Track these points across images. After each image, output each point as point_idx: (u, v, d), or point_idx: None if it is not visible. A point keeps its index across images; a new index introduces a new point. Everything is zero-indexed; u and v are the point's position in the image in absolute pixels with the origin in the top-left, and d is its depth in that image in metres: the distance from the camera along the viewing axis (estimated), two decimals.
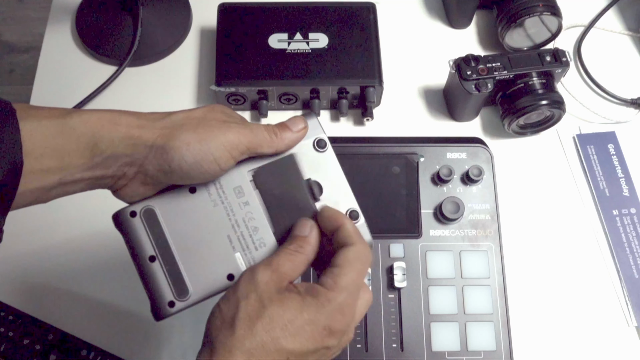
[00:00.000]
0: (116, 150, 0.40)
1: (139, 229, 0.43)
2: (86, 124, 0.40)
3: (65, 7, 0.81)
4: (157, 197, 0.43)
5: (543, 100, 0.69)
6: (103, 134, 0.40)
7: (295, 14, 0.76)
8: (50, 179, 0.39)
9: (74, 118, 0.40)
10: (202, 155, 0.40)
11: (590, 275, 0.68)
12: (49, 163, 0.38)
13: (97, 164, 0.40)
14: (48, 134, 0.39)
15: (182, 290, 0.43)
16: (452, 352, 0.59)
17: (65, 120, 0.39)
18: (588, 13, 0.83)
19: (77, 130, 0.39)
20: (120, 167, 0.41)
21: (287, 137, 0.44)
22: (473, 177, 0.63)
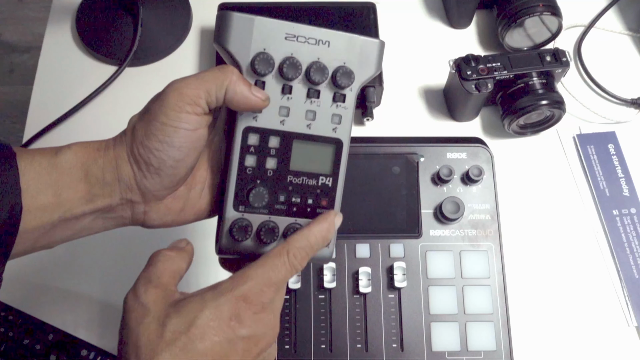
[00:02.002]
0: (106, 176, 0.39)
1: None
2: (75, 155, 0.39)
3: (65, 7, 0.81)
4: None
5: (543, 100, 0.69)
6: (91, 163, 0.39)
7: (295, 14, 0.76)
8: (50, 216, 0.38)
9: (64, 152, 0.39)
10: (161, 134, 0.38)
11: (590, 275, 0.68)
12: (46, 199, 0.38)
13: (96, 195, 0.39)
14: (42, 171, 0.38)
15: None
16: (452, 352, 0.59)
17: (57, 156, 0.39)
18: (588, 13, 0.83)
19: (69, 163, 0.39)
20: (121, 193, 0.40)
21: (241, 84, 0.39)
22: (473, 177, 0.63)
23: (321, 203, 0.43)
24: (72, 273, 0.65)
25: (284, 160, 0.42)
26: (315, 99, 0.41)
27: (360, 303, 0.60)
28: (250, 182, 0.41)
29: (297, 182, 0.42)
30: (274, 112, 0.41)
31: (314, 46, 0.41)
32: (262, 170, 0.42)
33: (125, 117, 0.74)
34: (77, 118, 0.74)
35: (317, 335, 0.59)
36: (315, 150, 0.42)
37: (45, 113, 0.73)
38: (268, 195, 0.42)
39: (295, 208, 0.42)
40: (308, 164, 0.42)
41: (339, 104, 0.42)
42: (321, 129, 0.42)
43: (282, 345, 0.59)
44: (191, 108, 0.38)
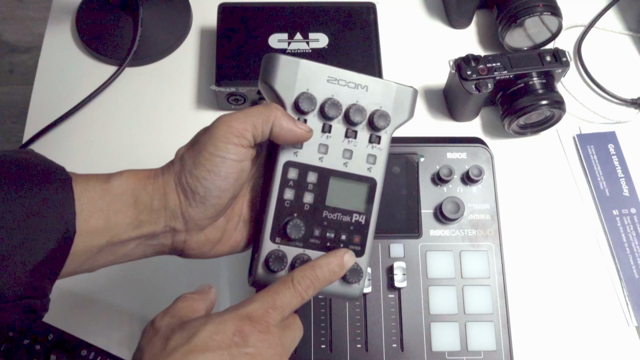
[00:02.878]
0: (154, 203, 0.41)
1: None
2: (126, 181, 0.41)
3: (65, 7, 0.81)
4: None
5: (543, 100, 0.69)
6: (140, 190, 0.41)
7: (295, 14, 0.76)
8: (98, 240, 0.40)
9: (116, 178, 0.41)
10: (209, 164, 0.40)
11: (590, 275, 0.68)
12: (97, 223, 0.39)
13: (143, 222, 0.41)
14: (95, 195, 0.40)
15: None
16: (452, 352, 0.59)
17: (109, 181, 0.41)
18: (588, 13, 0.83)
19: (120, 189, 0.41)
20: (165, 221, 0.42)
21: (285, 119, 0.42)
22: (473, 177, 0.63)
23: (354, 240, 0.44)
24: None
25: (321, 196, 0.44)
26: (353, 139, 0.44)
27: (360, 303, 0.60)
28: (288, 214, 0.43)
29: (332, 217, 0.44)
30: (313, 149, 0.44)
31: (353, 90, 0.44)
32: (300, 204, 0.44)
33: (125, 117, 0.74)
34: (77, 118, 0.74)
35: (317, 335, 0.59)
36: (350, 188, 0.44)
37: (45, 113, 0.73)
38: (304, 228, 0.43)
39: (328, 243, 0.44)
40: (343, 201, 0.44)
41: (374, 145, 0.44)
42: (357, 167, 0.44)
43: None
44: (238, 140, 0.41)
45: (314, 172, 0.43)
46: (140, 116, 0.75)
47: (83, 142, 0.72)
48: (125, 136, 0.73)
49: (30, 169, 0.39)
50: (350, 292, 0.45)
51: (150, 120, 0.74)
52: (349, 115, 0.43)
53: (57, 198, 0.38)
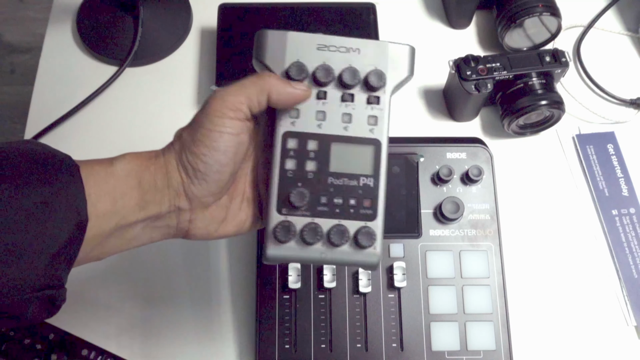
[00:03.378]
0: (157, 183, 0.42)
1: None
2: (129, 163, 0.42)
3: (66, 7, 0.81)
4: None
5: (542, 101, 0.69)
6: (143, 170, 0.42)
7: (295, 14, 0.76)
8: (107, 224, 0.40)
9: (119, 161, 0.42)
10: (207, 139, 0.41)
11: (589, 275, 0.68)
12: (104, 207, 0.40)
13: (147, 202, 0.41)
14: (100, 180, 0.40)
15: None
16: (451, 351, 0.59)
17: (112, 165, 0.41)
18: (587, 13, 0.83)
19: (123, 172, 0.41)
20: (170, 200, 0.42)
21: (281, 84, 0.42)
22: (473, 177, 0.63)
23: (364, 203, 0.43)
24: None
25: (324, 163, 0.43)
26: (350, 102, 0.43)
27: (360, 303, 0.61)
28: (292, 184, 0.43)
29: (338, 183, 0.43)
30: (310, 116, 0.43)
31: (345, 54, 0.44)
32: (303, 173, 0.43)
33: (125, 117, 0.74)
34: (78, 118, 0.74)
35: (317, 335, 0.59)
36: (354, 151, 0.43)
37: (46, 113, 0.73)
38: (310, 196, 0.43)
39: (337, 209, 0.43)
40: (348, 166, 0.43)
41: (373, 105, 0.43)
42: (358, 130, 0.43)
43: (282, 345, 0.59)
44: (234, 113, 0.41)
45: (314, 140, 0.43)
46: (140, 116, 0.75)
47: (84, 142, 0.73)
48: (125, 136, 0.73)
49: (37, 159, 0.39)
50: (364, 258, 0.43)
51: (150, 120, 0.74)
52: (342, 79, 0.43)
53: (67, 187, 0.38)
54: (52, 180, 0.38)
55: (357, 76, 0.43)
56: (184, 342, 0.63)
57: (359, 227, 0.42)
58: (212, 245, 0.67)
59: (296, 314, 0.60)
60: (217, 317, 0.64)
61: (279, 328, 0.60)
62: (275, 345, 0.59)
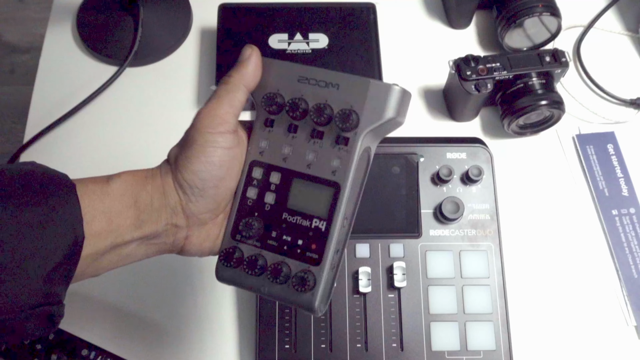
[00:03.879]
0: (154, 203, 0.42)
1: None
2: (125, 183, 0.42)
3: (66, 7, 0.81)
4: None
5: (542, 101, 0.69)
6: (140, 190, 0.42)
7: (295, 14, 0.76)
8: (103, 243, 0.40)
9: (114, 180, 0.42)
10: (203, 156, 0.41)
11: (589, 275, 0.68)
12: (100, 226, 0.40)
13: (143, 221, 0.42)
14: (95, 198, 0.40)
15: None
16: (451, 351, 0.59)
17: (108, 184, 0.41)
18: (587, 13, 0.83)
19: (119, 191, 0.41)
20: (167, 219, 0.42)
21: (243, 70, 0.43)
22: (473, 177, 0.63)
23: (310, 246, 0.41)
24: None
25: (283, 197, 0.42)
26: (318, 139, 0.42)
27: (360, 303, 0.61)
28: (249, 213, 0.43)
29: (291, 220, 0.42)
30: (278, 149, 0.42)
31: (323, 88, 0.41)
32: (261, 204, 0.43)
33: (125, 117, 0.75)
34: (78, 118, 0.74)
35: (317, 334, 0.59)
36: (312, 191, 0.42)
37: (46, 113, 0.73)
38: (262, 228, 0.42)
39: (285, 247, 0.42)
40: (304, 204, 0.42)
41: (341, 147, 0.41)
42: (320, 170, 0.41)
43: (282, 345, 0.59)
44: (223, 127, 0.41)
45: (277, 173, 0.42)
46: (140, 116, 0.75)
47: (84, 142, 0.73)
48: (125, 136, 0.73)
49: (35, 179, 0.39)
50: (302, 301, 0.41)
51: (150, 120, 0.74)
52: (311, 115, 0.41)
53: (63, 205, 0.38)
54: (48, 199, 0.38)
55: (327, 113, 0.41)
56: (184, 342, 0.63)
57: (300, 269, 0.41)
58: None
59: (296, 313, 0.60)
60: (217, 317, 0.64)
61: (279, 328, 0.60)
62: (275, 345, 0.59)
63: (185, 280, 0.66)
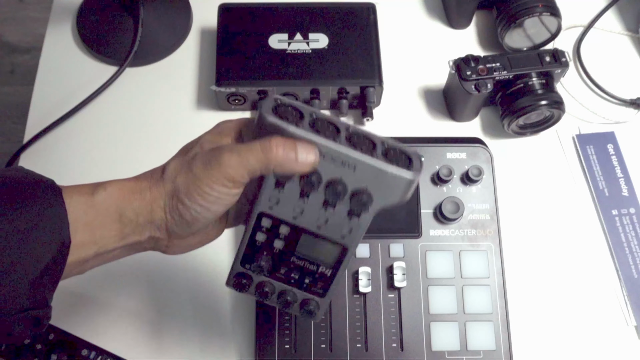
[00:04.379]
0: (139, 219, 0.42)
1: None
2: (110, 197, 0.42)
3: (66, 7, 0.81)
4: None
5: (542, 101, 0.69)
6: (125, 205, 0.42)
7: (295, 14, 0.76)
8: (86, 252, 0.41)
9: (100, 193, 0.41)
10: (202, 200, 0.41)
11: (589, 275, 0.68)
12: (83, 238, 0.40)
13: (127, 234, 0.42)
14: (79, 210, 0.40)
15: None
16: (451, 351, 0.59)
17: (93, 196, 0.41)
18: (587, 13, 0.83)
19: (104, 204, 0.41)
20: (150, 233, 0.43)
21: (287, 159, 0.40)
22: (473, 177, 0.63)
23: (317, 285, 0.46)
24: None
25: (291, 245, 0.44)
26: (332, 208, 0.43)
27: (360, 303, 0.61)
28: (258, 252, 0.45)
29: (299, 263, 0.45)
30: (289, 208, 0.43)
31: (339, 167, 0.41)
32: (270, 247, 0.45)
33: (125, 117, 0.74)
34: (78, 118, 0.74)
35: (317, 334, 0.59)
36: (321, 245, 0.44)
37: (46, 113, 0.73)
38: (271, 266, 0.45)
39: (292, 281, 0.46)
40: (312, 253, 0.45)
41: (353, 218, 0.43)
42: (331, 233, 0.44)
43: (282, 345, 0.59)
44: (232, 185, 0.41)
45: (286, 226, 0.44)
46: (140, 116, 0.75)
47: (84, 142, 0.73)
48: (125, 136, 0.73)
49: (21, 185, 0.39)
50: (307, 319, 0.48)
51: (150, 120, 0.74)
52: (327, 192, 0.42)
53: (50, 210, 0.39)
54: (34, 203, 0.38)
55: (339, 192, 0.41)
56: (184, 342, 0.63)
57: (306, 298, 0.47)
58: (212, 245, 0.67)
59: None
60: (217, 317, 0.64)
61: (279, 328, 0.60)
62: (275, 345, 0.59)
63: (185, 281, 0.66)
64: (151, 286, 0.65)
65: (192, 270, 0.66)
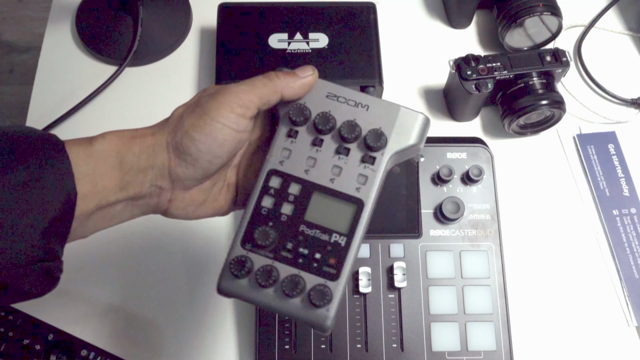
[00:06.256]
0: (140, 163, 0.41)
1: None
2: (109, 144, 0.41)
3: (65, 7, 0.81)
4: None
5: (543, 100, 0.69)
6: (125, 151, 0.41)
7: (295, 14, 0.76)
8: (88, 205, 0.40)
9: (98, 141, 0.41)
10: (209, 128, 0.41)
11: (590, 275, 0.68)
12: (84, 189, 0.40)
13: (128, 183, 0.41)
14: (79, 161, 0.40)
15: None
16: (452, 352, 0.59)
17: (92, 145, 0.41)
18: (588, 13, 0.83)
19: (103, 152, 0.41)
20: (152, 180, 0.42)
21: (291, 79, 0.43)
22: (473, 177, 0.63)
23: (329, 261, 0.40)
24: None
25: (301, 209, 0.41)
26: (344, 156, 0.42)
27: (360, 303, 0.60)
28: (263, 222, 0.41)
29: (309, 233, 0.41)
30: (301, 160, 0.42)
31: (353, 107, 0.42)
32: (277, 214, 0.41)
33: (125, 117, 0.74)
34: (77, 118, 0.74)
35: (316, 335, 0.59)
36: (334, 206, 0.41)
37: (45, 113, 0.73)
38: (277, 239, 0.41)
39: (300, 259, 0.41)
40: (324, 219, 0.41)
41: (367, 165, 0.42)
42: (344, 185, 0.42)
43: (282, 345, 0.59)
44: (242, 110, 0.41)
45: (297, 184, 0.42)
46: (140, 116, 0.74)
47: None
48: None
49: (23, 139, 0.39)
50: (314, 318, 0.40)
51: (150, 120, 0.73)
52: (341, 131, 0.42)
53: (53, 162, 0.39)
54: (38, 156, 0.38)
55: (357, 132, 0.42)
56: (184, 342, 0.63)
57: (316, 284, 0.40)
58: (212, 245, 0.67)
59: None
60: (217, 317, 0.64)
61: (278, 328, 0.59)
62: (275, 345, 0.59)
63: (185, 280, 0.66)
64: (151, 286, 0.65)
65: (192, 270, 0.66)
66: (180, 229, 0.66)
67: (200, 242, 0.67)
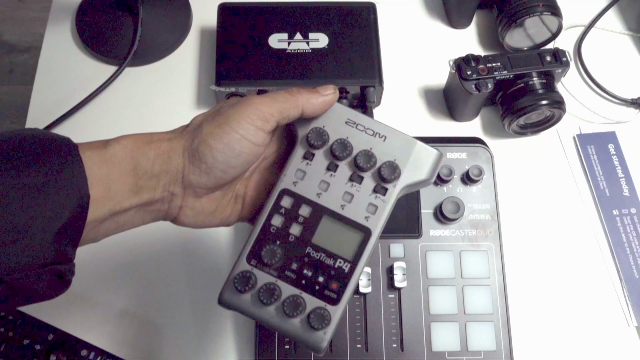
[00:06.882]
0: (154, 168, 0.41)
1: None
2: (124, 149, 0.41)
3: (65, 7, 0.81)
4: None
5: (543, 100, 0.69)
6: (140, 156, 0.41)
7: (295, 14, 0.76)
8: (101, 210, 0.40)
9: (112, 146, 0.41)
10: (227, 138, 0.41)
11: (590, 275, 0.68)
12: (97, 193, 0.40)
13: (141, 188, 0.41)
14: (93, 165, 0.40)
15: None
16: (452, 352, 0.59)
17: (106, 149, 0.41)
18: (588, 13, 0.83)
19: (118, 157, 0.41)
20: (164, 186, 0.42)
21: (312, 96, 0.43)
22: (473, 177, 0.63)
23: (331, 285, 0.41)
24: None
25: (309, 232, 0.42)
26: (357, 184, 0.43)
27: (360, 303, 0.60)
28: (271, 240, 0.42)
29: (314, 256, 0.42)
30: (314, 183, 0.43)
31: (370, 137, 0.44)
32: (285, 234, 0.42)
33: (125, 117, 0.74)
34: (77, 118, 0.74)
35: None
36: (342, 232, 0.42)
37: (45, 113, 0.73)
38: (282, 258, 0.42)
39: (303, 281, 0.41)
40: (331, 243, 0.42)
41: (378, 195, 0.43)
42: (354, 213, 0.43)
43: (282, 346, 0.59)
44: (261, 124, 0.42)
45: (308, 206, 0.42)
46: (140, 116, 0.74)
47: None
48: None
49: (37, 141, 0.39)
50: (311, 339, 0.41)
51: (150, 120, 0.74)
52: (357, 159, 0.43)
53: (67, 166, 0.39)
54: (52, 159, 0.38)
55: (372, 162, 0.43)
56: (184, 342, 0.63)
57: (316, 306, 0.41)
58: (212, 246, 0.67)
59: None
60: (217, 317, 0.64)
61: None
62: (275, 345, 0.59)
63: (185, 281, 0.66)
64: (150, 287, 0.65)
65: (192, 271, 0.66)
66: (183, 236, 0.67)
67: (201, 243, 0.67)
